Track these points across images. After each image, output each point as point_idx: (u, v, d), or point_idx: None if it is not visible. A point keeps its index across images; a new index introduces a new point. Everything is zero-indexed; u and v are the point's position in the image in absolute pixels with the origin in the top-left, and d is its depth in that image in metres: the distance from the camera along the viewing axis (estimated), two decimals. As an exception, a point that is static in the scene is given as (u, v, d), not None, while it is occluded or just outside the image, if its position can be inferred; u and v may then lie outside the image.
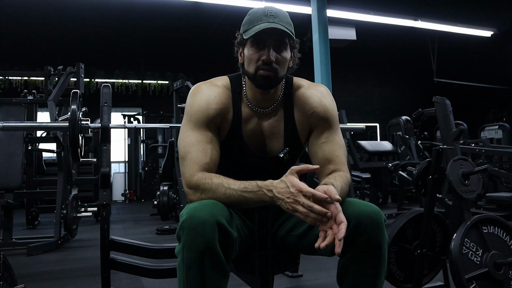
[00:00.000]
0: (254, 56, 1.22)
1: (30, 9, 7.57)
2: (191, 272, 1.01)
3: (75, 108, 2.15)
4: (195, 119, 1.24)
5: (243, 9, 6.47)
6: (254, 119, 1.31)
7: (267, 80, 1.22)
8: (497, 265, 1.72)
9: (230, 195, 1.12)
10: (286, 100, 1.33)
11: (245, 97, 1.32)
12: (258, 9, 1.25)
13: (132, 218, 6.09)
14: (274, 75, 1.22)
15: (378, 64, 12.07)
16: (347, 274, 1.14)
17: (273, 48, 1.21)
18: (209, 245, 1.00)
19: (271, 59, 1.20)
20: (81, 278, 2.67)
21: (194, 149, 1.21)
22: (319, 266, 2.71)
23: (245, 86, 1.32)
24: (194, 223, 1.00)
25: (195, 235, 1.00)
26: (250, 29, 1.21)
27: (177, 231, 1.04)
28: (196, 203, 1.08)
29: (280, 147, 1.32)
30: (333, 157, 1.27)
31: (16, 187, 3.95)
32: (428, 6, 8.09)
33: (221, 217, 1.03)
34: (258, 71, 1.22)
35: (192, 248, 1.00)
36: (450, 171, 1.96)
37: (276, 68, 1.22)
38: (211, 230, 1.00)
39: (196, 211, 1.02)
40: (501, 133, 7.67)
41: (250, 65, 1.24)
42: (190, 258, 1.01)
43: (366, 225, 1.08)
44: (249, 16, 1.26)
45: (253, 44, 1.22)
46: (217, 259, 1.01)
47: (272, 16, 1.20)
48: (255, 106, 1.31)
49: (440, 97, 3.75)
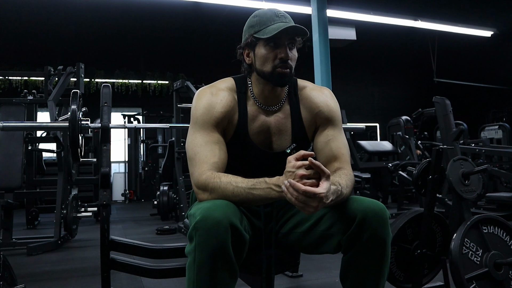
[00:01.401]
0: (271, 55, 1.26)
1: (30, 9, 7.57)
2: (203, 273, 1.01)
3: (75, 108, 2.15)
4: (201, 121, 1.26)
5: (243, 9, 6.48)
6: (261, 116, 1.33)
7: (284, 77, 1.27)
8: (497, 265, 1.72)
9: (238, 193, 1.12)
10: (291, 98, 1.36)
11: (252, 96, 1.34)
12: (266, 11, 1.29)
13: (132, 218, 6.08)
14: (289, 72, 1.27)
15: (378, 64, 12.08)
16: (351, 270, 1.15)
17: (287, 46, 1.26)
18: (222, 247, 1.00)
19: (289, 55, 1.25)
20: (81, 278, 2.67)
21: (202, 149, 1.22)
22: (319, 266, 2.71)
23: (251, 85, 1.34)
24: (209, 224, 1.00)
25: (208, 236, 1.00)
26: (264, 29, 1.25)
27: (189, 231, 1.04)
28: (209, 203, 1.08)
29: (287, 143, 1.34)
30: (339, 155, 1.30)
31: (16, 187, 3.94)
32: (428, 6, 8.10)
33: (234, 218, 1.04)
34: (276, 69, 1.26)
35: (205, 249, 1.00)
36: (450, 171, 1.96)
37: (291, 65, 1.28)
38: (225, 231, 1.00)
39: (210, 212, 1.02)
40: (501, 133, 7.68)
41: (265, 64, 1.27)
42: (203, 259, 1.01)
43: (372, 220, 1.10)
44: (257, 17, 1.29)
45: (267, 43, 1.26)
46: (228, 260, 1.02)
47: (282, 16, 1.27)
48: (262, 104, 1.33)
49: (440, 97, 3.75)
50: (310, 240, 1.23)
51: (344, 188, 1.15)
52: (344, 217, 1.14)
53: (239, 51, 1.35)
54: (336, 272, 2.52)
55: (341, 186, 1.13)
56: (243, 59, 1.34)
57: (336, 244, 1.16)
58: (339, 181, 1.16)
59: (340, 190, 1.12)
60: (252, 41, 1.29)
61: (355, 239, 1.11)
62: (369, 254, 1.11)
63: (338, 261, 1.21)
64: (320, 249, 1.22)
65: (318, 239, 1.21)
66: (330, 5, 6.00)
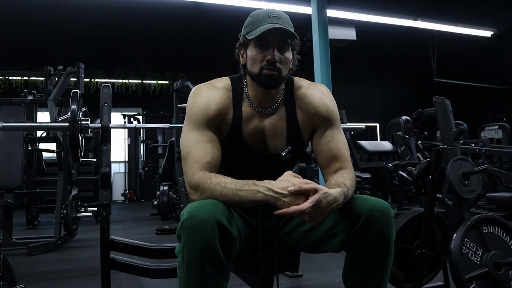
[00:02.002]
0: (258, 57, 1.24)
1: (30, 9, 7.57)
2: (192, 272, 1.01)
3: (75, 108, 2.15)
4: (195, 119, 1.26)
5: (243, 9, 6.49)
6: (256, 118, 1.32)
7: (271, 79, 1.24)
8: (497, 265, 1.72)
9: (226, 194, 1.12)
10: (287, 100, 1.35)
11: (247, 97, 1.33)
12: (261, 11, 1.27)
13: (132, 218, 6.09)
14: (277, 74, 1.24)
15: (378, 64, 12.07)
16: (354, 268, 1.15)
17: (276, 49, 1.24)
18: (209, 245, 1.00)
19: (276, 59, 1.23)
20: (81, 278, 2.67)
21: (195, 149, 1.22)
22: (319, 266, 2.71)
23: (246, 87, 1.34)
24: (194, 223, 1.00)
25: (195, 235, 1.00)
26: (254, 30, 1.24)
27: (177, 231, 1.05)
28: (196, 202, 1.09)
29: (283, 146, 1.33)
30: (339, 155, 1.29)
31: (16, 187, 3.94)
32: (428, 6, 8.09)
33: (221, 216, 1.03)
34: (263, 71, 1.24)
35: (192, 248, 1.00)
36: (450, 171, 1.96)
37: (279, 68, 1.24)
38: (211, 229, 1.00)
39: (196, 211, 1.02)
40: (501, 133, 7.67)
41: (254, 66, 1.26)
42: (191, 258, 1.01)
43: (377, 219, 1.10)
44: (251, 18, 1.28)
45: (257, 45, 1.25)
46: (217, 259, 1.02)
47: (275, 17, 1.23)
48: (256, 106, 1.32)
49: (440, 97, 3.75)
50: (312, 239, 1.23)
51: (349, 188, 1.17)
52: (348, 215, 1.15)
53: (236, 51, 1.35)
54: (336, 272, 2.53)
55: (347, 187, 1.16)
56: (239, 60, 1.34)
57: (340, 242, 1.16)
58: (344, 182, 1.18)
59: (347, 191, 1.14)
60: (244, 42, 1.29)
61: (360, 238, 1.11)
62: (373, 252, 1.11)
63: (338, 261, 1.21)
64: (323, 247, 1.22)
65: (321, 237, 1.21)
66: (330, 5, 5.99)
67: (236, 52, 1.34)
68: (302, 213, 1.05)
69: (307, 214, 1.05)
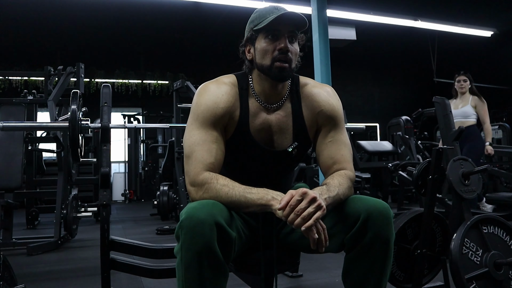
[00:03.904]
0: (269, 47, 1.24)
1: (30, 9, 7.56)
2: (190, 272, 1.01)
3: (75, 108, 2.15)
4: (202, 118, 1.25)
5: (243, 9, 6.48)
6: (262, 114, 1.32)
7: (283, 71, 1.24)
8: (497, 265, 1.72)
9: (232, 195, 1.13)
10: (293, 96, 1.34)
11: (253, 93, 1.32)
12: (266, 7, 1.28)
13: (132, 218, 6.09)
14: (289, 66, 1.24)
15: (378, 64, 12.06)
16: (353, 269, 1.15)
17: (287, 39, 1.23)
18: (208, 245, 1.00)
19: (288, 47, 1.22)
20: (81, 278, 2.67)
21: (199, 148, 1.21)
22: (319, 266, 2.71)
23: (252, 82, 1.33)
24: (193, 223, 1.00)
25: (193, 235, 1.00)
26: (262, 21, 1.23)
27: (176, 231, 1.05)
28: (195, 203, 1.08)
29: (289, 142, 1.33)
30: (338, 157, 1.29)
31: (16, 187, 3.94)
32: (428, 6, 8.09)
33: (219, 217, 1.03)
34: (275, 63, 1.23)
35: (191, 248, 1.00)
36: (450, 171, 1.96)
37: (291, 58, 1.24)
38: (210, 230, 1.00)
39: (195, 211, 1.03)
40: (501, 133, 7.68)
41: (265, 58, 1.25)
42: (189, 258, 1.01)
43: (376, 219, 1.10)
44: (257, 13, 1.28)
45: (267, 35, 1.24)
46: (215, 259, 1.02)
47: (282, 9, 1.24)
48: (262, 102, 1.32)
49: (440, 97, 3.74)
50: None
51: (335, 186, 1.17)
52: (347, 216, 1.15)
53: (241, 49, 1.34)
54: (336, 272, 2.53)
55: (330, 185, 1.17)
56: (245, 57, 1.33)
57: (339, 243, 1.16)
58: (330, 182, 1.20)
59: (328, 189, 1.15)
60: (252, 35, 1.28)
61: (359, 238, 1.11)
62: (373, 253, 1.11)
63: (338, 261, 1.21)
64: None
65: None
66: (330, 5, 5.99)
67: (241, 50, 1.34)
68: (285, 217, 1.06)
69: (285, 217, 1.06)
